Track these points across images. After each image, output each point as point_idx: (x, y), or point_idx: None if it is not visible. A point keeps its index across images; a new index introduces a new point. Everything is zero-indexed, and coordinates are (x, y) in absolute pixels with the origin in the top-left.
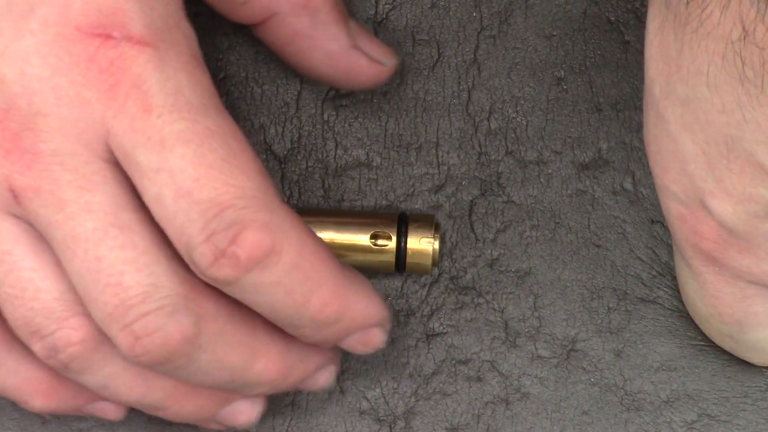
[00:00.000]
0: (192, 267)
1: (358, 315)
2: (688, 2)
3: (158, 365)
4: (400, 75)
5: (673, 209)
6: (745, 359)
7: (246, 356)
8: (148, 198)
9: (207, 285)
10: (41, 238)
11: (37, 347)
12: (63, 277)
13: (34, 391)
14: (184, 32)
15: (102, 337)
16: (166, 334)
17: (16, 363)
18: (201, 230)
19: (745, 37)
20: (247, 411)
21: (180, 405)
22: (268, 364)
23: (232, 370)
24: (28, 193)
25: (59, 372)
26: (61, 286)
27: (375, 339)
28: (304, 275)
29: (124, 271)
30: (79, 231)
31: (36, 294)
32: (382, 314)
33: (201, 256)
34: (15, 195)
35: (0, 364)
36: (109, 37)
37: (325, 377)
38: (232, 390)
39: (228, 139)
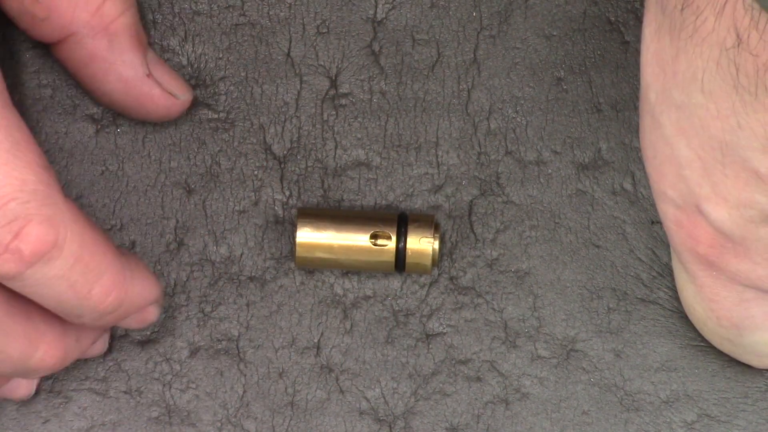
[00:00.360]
0: None
1: (137, 298)
2: (683, 8)
3: None
4: (399, 75)
5: (670, 214)
6: (745, 362)
7: (25, 346)
8: None
9: None
10: None
11: None
12: None
13: None
14: None
15: None
16: None
17: None
18: None
19: (739, 44)
20: (25, 386)
21: None
22: (47, 350)
23: (12, 362)
24: None
25: None
26: None
27: (150, 315)
28: (85, 267)
29: None
30: None
31: None
32: (157, 293)
33: None
34: None
35: None
36: None
37: (99, 347)
38: (17, 376)
39: (12, 131)
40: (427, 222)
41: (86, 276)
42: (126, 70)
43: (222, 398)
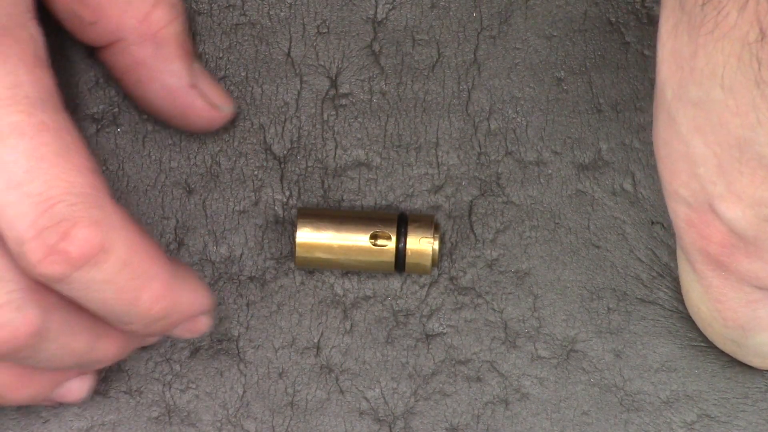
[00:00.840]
0: (22, 264)
1: (186, 307)
2: (703, 4)
3: (5, 357)
4: (399, 75)
5: (681, 213)
6: (747, 363)
7: (89, 340)
8: None
9: None
10: None
11: None
12: None
13: None
14: (30, 32)
15: None
16: (14, 329)
17: None
18: (31, 225)
19: (762, 39)
20: (77, 388)
21: (16, 394)
22: (109, 343)
23: (77, 355)
24: None
25: None
26: None
27: (201, 325)
28: (134, 272)
29: None
30: None
31: None
32: (208, 302)
33: (31, 251)
34: None
35: None
36: None
37: (153, 338)
38: (78, 368)
39: (63, 134)
40: (427, 222)
41: (134, 282)
42: (170, 79)
43: (222, 398)
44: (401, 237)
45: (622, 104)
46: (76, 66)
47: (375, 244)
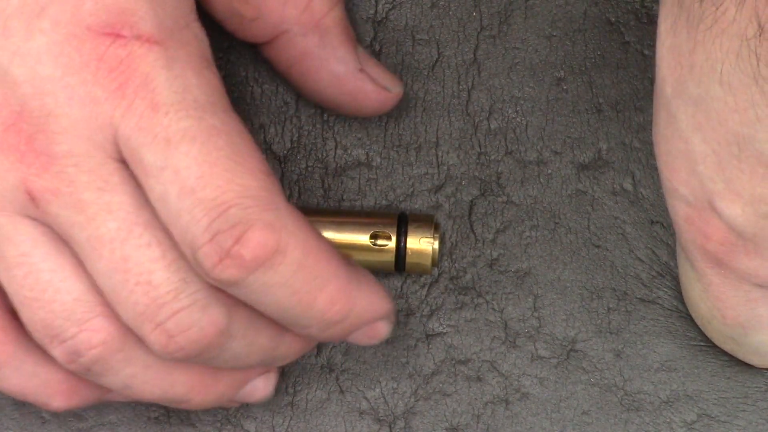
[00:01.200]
0: (196, 268)
1: (364, 312)
2: (702, 0)
3: (191, 359)
4: (399, 75)
5: (681, 211)
6: (747, 362)
7: (273, 336)
8: (153, 197)
9: None
10: (60, 240)
11: (57, 351)
12: (83, 278)
13: (55, 392)
14: (194, 33)
15: (123, 338)
16: (201, 329)
17: (33, 366)
18: (205, 230)
19: (761, 34)
20: (262, 387)
21: (202, 396)
22: (292, 339)
23: (262, 352)
24: (47, 195)
25: (80, 375)
26: (81, 287)
27: (380, 332)
28: (309, 275)
29: (153, 269)
30: (103, 231)
31: (55, 296)
32: (387, 308)
33: (205, 256)
34: (32, 198)
35: (18, 368)
36: (119, 36)
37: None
38: (264, 365)
39: (234, 137)
40: (427, 222)
41: (310, 284)
42: (339, 66)
43: None
44: (401, 237)
45: (622, 104)
46: None
47: (375, 244)
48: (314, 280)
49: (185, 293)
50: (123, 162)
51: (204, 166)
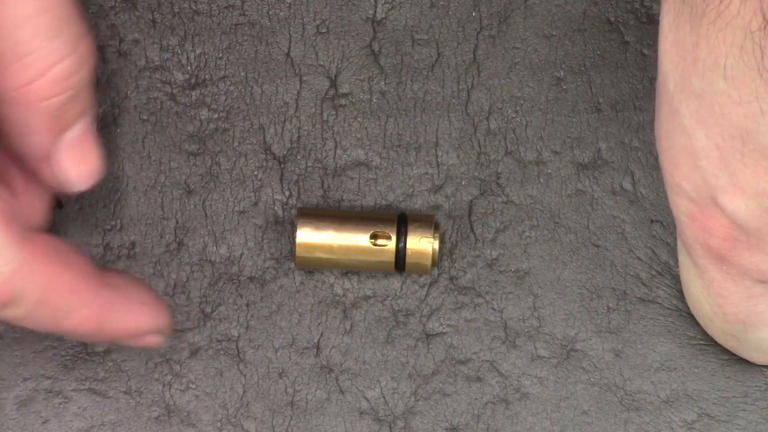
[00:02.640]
0: None
1: (122, 328)
2: None
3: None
4: (399, 75)
5: (683, 206)
6: (747, 358)
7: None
8: None
9: None
10: None
11: None
12: None
13: None
14: None
15: None
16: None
17: None
18: None
19: (765, 27)
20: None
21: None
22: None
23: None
24: None
25: None
26: None
27: (151, 343)
28: (51, 309)
29: None
30: None
31: None
32: (154, 323)
33: None
34: None
35: None
36: None
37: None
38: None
39: None
40: (427, 222)
41: (54, 315)
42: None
43: (222, 398)
44: (401, 237)
45: (621, 103)
46: None
47: (375, 244)
48: (57, 311)
49: None
50: None
51: None
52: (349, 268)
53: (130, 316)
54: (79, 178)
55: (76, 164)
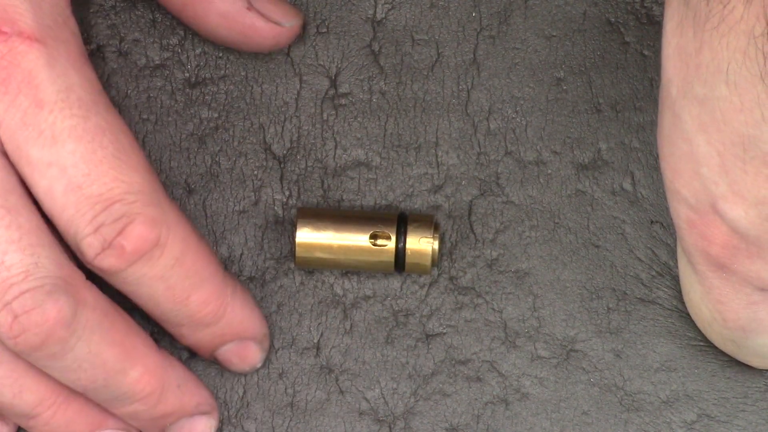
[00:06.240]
0: (79, 256)
1: (236, 321)
2: None
3: (34, 349)
4: (399, 75)
5: (683, 213)
6: (746, 363)
7: (121, 357)
8: (38, 190)
9: (88, 279)
10: None
11: None
12: None
13: None
14: (71, 29)
15: None
16: (44, 312)
17: None
18: (89, 222)
19: None
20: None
21: (50, 414)
22: (144, 373)
23: (106, 369)
24: None
25: None
26: None
27: (252, 354)
28: (186, 272)
29: (7, 250)
30: None
31: None
32: (260, 329)
33: (88, 246)
34: None
35: None
36: (0, 32)
37: (203, 425)
38: (105, 400)
39: (118, 135)
40: (427, 222)
41: (186, 281)
42: (225, 6)
43: (222, 398)
44: (401, 237)
45: (621, 104)
46: None
47: (375, 244)
48: (190, 277)
49: (35, 276)
50: (1, 152)
51: (90, 165)
52: (349, 268)
53: (248, 313)
54: (284, 15)
55: (276, 5)
